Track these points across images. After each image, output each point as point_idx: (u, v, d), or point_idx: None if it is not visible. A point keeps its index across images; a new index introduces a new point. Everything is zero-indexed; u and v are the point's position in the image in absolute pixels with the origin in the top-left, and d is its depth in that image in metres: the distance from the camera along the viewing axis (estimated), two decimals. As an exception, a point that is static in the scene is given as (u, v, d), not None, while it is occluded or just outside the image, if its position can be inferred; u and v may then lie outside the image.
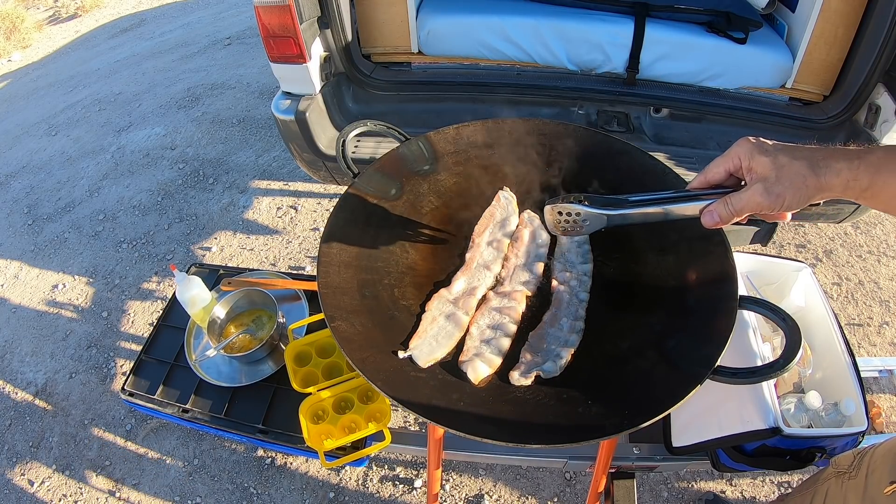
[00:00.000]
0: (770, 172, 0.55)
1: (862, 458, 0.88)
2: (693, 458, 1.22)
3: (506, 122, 0.99)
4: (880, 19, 1.52)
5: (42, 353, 2.21)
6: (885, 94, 1.55)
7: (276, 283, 1.48)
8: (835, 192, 0.54)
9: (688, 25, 1.81)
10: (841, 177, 0.53)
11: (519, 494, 1.69)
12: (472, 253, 0.84)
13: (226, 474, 1.79)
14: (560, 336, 0.73)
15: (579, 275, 0.81)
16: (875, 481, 0.82)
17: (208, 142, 3.28)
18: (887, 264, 2.30)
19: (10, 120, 3.97)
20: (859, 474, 0.86)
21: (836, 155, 0.54)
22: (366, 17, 1.84)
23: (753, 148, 0.57)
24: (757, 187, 0.56)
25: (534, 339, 0.73)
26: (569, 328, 0.73)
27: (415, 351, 0.70)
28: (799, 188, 0.54)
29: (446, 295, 0.78)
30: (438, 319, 0.74)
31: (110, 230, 2.76)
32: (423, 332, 0.73)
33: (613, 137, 0.95)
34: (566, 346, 0.70)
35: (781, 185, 0.55)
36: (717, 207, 0.60)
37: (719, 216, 0.60)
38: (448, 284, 0.80)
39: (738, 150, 0.59)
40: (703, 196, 0.61)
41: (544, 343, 0.72)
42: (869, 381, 1.56)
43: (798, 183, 0.54)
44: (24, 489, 1.81)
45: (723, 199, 0.59)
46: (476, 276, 0.81)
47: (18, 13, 5.43)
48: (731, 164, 0.60)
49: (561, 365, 0.68)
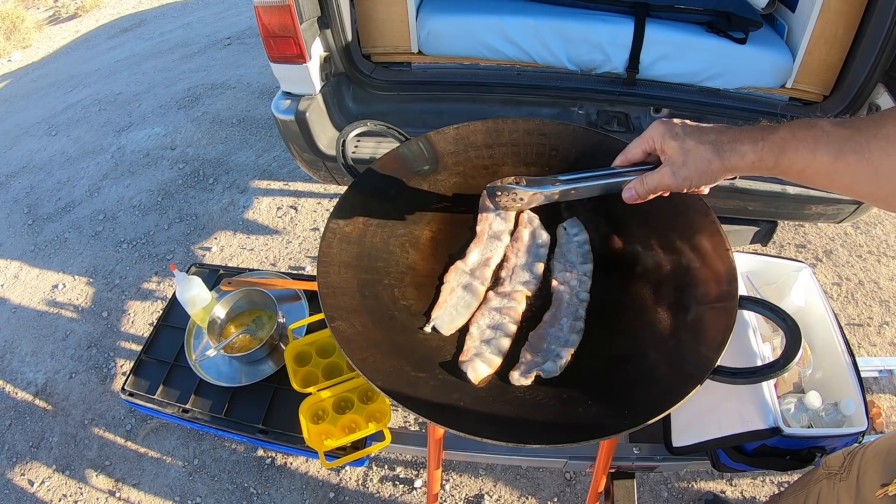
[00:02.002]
0: (678, 156, 0.59)
1: (852, 459, 0.88)
2: (693, 458, 1.22)
3: (506, 122, 0.99)
4: (880, 19, 1.52)
5: (42, 353, 2.21)
6: (885, 94, 1.55)
7: (276, 283, 1.48)
8: (742, 172, 0.58)
9: (688, 25, 1.81)
10: (746, 158, 0.56)
11: (519, 494, 1.69)
12: (482, 225, 0.88)
13: (226, 474, 1.79)
14: (560, 336, 0.73)
15: (579, 275, 0.81)
16: (867, 483, 0.82)
17: (208, 142, 3.28)
18: (887, 264, 2.30)
19: (10, 120, 3.97)
20: (850, 476, 0.86)
21: (741, 137, 0.57)
22: (366, 17, 1.83)
23: (665, 132, 0.61)
24: (666, 170, 0.61)
25: (534, 339, 0.74)
26: (569, 328, 0.73)
27: (437, 321, 0.74)
28: (704, 172, 0.58)
29: (462, 266, 0.82)
30: (457, 290, 0.78)
31: (110, 230, 2.76)
32: (443, 303, 0.77)
33: (613, 137, 0.95)
34: (566, 346, 0.71)
35: (687, 169, 0.59)
36: (635, 185, 0.65)
37: (636, 192, 0.65)
38: (463, 257, 0.84)
39: (652, 133, 0.63)
40: (625, 174, 0.68)
41: (544, 343, 0.72)
42: (869, 381, 1.56)
43: (703, 167, 0.58)
44: (24, 489, 1.81)
45: (639, 178, 0.65)
46: (488, 248, 0.85)
47: (18, 13, 5.43)
48: (647, 145, 0.64)
49: (561, 365, 0.68)
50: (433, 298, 0.79)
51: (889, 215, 2.52)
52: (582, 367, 0.70)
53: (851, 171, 0.52)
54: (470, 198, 0.93)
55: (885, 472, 0.79)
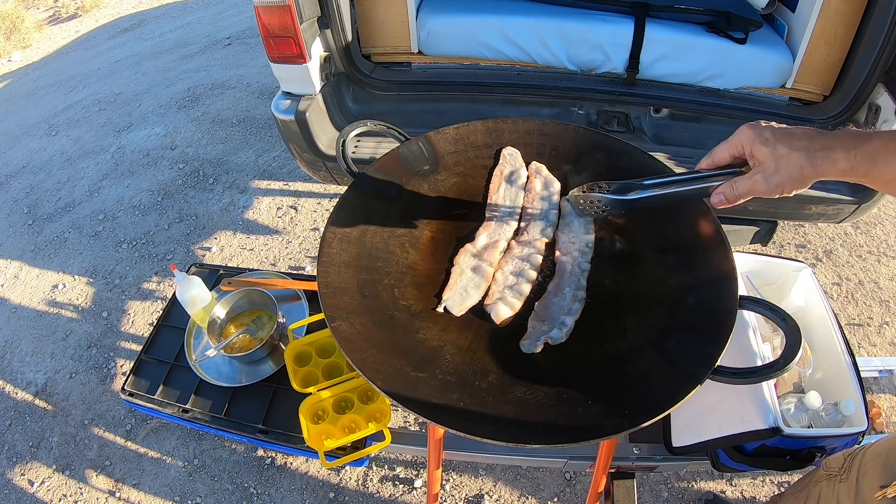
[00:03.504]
0: (770, 163, 0.59)
1: (853, 460, 0.88)
2: (693, 458, 1.22)
3: (506, 122, 0.99)
4: (880, 19, 1.52)
5: (42, 353, 2.21)
6: (885, 94, 1.55)
7: (276, 283, 1.48)
8: (831, 178, 0.58)
9: (688, 25, 1.81)
10: (838, 166, 0.57)
11: (519, 494, 1.69)
12: (490, 210, 0.90)
13: (226, 474, 1.79)
14: (564, 305, 0.76)
15: (581, 246, 0.84)
16: (866, 485, 0.82)
17: (208, 142, 3.28)
18: (887, 264, 2.30)
19: (10, 120, 3.97)
20: (850, 477, 0.86)
21: (832, 145, 0.57)
22: (366, 17, 1.83)
23: (755, 136, 0.61)
24: (758, 177, 0.61)
25: (539, 308, 0.77)
26: (571, 297, 0.77)
27: (448, 302, 0.76)
28: (796, 179, 0.58)
29: (471, 249, 0.84)
30: (466, 272, 0.81)
31: (110, 230, 2.76)
32: (453, 285, 0.79)
33: (613, 137, 0.95)
34: (570, 315, 0.74)
35: (780, 176, 0.59)
36: (724, 189, 0.65)
37: (725, 197, 0.65)
38: (472, 240, 0.86)
39: (740, 138, 0.63)
40: (711, 177, 0.66)
41: (549, 312, 0.76)
42: (869, 381, 1.56)
43: (795, 174, 0.58)
44: (24, 489, 1.81)
45: (729, 183, 0.64)
46: (497, 231, 0.88)
47: (18, 13, 5.43)
48: (735, 149, 0.64)
49: (566, 332, 0.72)
50: (442, 284, 0.80)
51: (889, 215, 2.52)
52: (582, 367, 0.70)
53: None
54: (470, 198, 0.93)
55: (885, 473, 0.79)
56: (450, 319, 0.76)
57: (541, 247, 0.85)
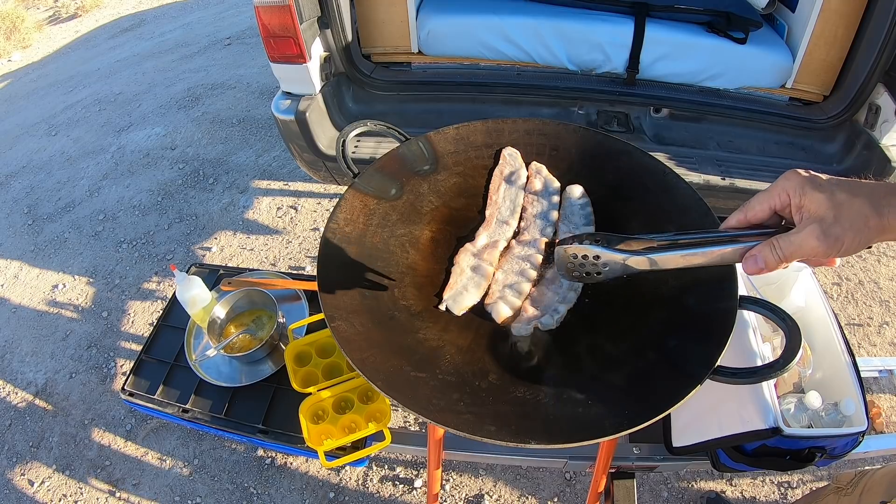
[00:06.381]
0: (827, 212, 0.47)
1: (862, 476, 0.88)
2: (693, 458, 1.22)
3: (506, 122, 0.99)
4: (880, 19, 1.52)
5: (42, 353, 2.21)
6: (885, 94, 1.55)
7: (276, 283, 1.48)
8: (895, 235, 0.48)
9: (688, 25, 1.81)
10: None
11: (519, 494, 1.69)
12: (490, 210, 0.90)
13: (226, 474, 1.79)
14: (559, 293, 0.77)
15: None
16: (867, 500, 0.82)
17: (208, 142, 3.28)
18: (887, 264, 2.30)
19: (10, 120, 3.97)
20: (855, 492, 0.86)
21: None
22: (366, 17, 1.84)
23: (805, 182, 0.49)
24: (812, 229, 0.48)
25: (535, 294, 0.78)
26: (567, 286, 0.77)
27: (448, 301, 0.76)
28: (860, 230, 0.47)
29: (471, 248, 0.85)
30: (466, 272, 0.81)
31: (110, 230, 2.76)
32: (454, 284, 0.79)
33: (613, 137, 0.95)
34: (564, 303, 0.75)
35: (840, 227, 0.47)
36: (763, 251, 0.51)
37: (765, 261, 0.51)
38: (472, 240, 0.87)
39: (785, 185, 0.51)
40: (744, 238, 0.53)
41: (545, 298, 0.77)
42: (869, 381, 1.56)
43: (859, 224, 0.46)
44: (23, 489, 1.81)
45: (768, 242, 0.51)
46: (496, 231, 0.87)
47: (18, 13, 5.44)
48: (778, 200, 0.52)
49: (557, 319, 0.72)
50: (442, 283, 0.80)
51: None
52: (582, 367, 0.70)
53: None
54: (470, 198, 0.93)
55: (888, 490, 0.79)
56: (450, 319, 0.76)
57: (541, 246, 0.84)
